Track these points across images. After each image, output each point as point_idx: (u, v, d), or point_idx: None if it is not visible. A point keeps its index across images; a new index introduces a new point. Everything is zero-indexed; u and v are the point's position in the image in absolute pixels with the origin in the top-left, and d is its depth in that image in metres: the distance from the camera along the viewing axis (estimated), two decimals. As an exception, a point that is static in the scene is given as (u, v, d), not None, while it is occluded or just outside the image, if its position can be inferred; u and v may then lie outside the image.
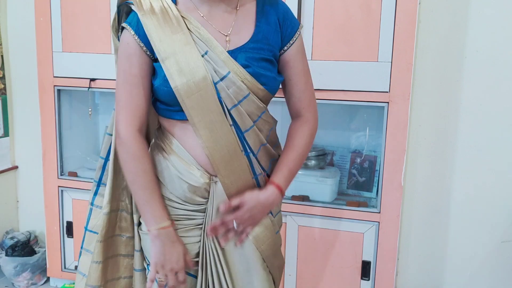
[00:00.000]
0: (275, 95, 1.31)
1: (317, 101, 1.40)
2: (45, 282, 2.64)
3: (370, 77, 1.96)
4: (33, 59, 2.43)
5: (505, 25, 2.04)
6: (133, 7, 1.21)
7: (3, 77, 2.67)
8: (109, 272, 1.39)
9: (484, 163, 2.14)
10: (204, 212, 1.27)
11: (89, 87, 2.29)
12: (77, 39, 2.29)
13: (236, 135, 1.21)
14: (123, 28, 1.23)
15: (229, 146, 1.20)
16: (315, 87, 1.39)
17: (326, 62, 2.00)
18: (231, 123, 1.20)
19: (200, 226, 1.27)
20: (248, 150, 1.24)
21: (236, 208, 1.23)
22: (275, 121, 1.36)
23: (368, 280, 2.11)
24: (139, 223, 1.35)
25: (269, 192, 1.25)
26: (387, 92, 1.96)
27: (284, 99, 1.39)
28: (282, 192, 1.27)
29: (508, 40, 2.05)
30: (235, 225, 1.24)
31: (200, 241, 1.28)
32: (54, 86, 2.36)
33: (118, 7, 1.28)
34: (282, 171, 1.28)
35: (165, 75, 1.18)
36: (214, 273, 1.27)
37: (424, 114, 2.18)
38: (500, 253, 2.18)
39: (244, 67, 1.20)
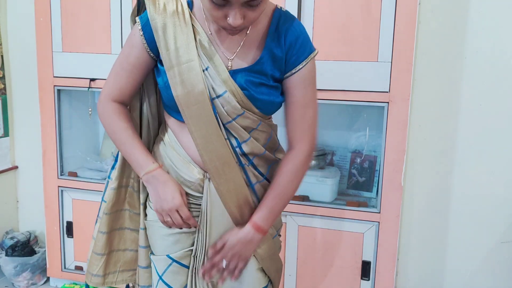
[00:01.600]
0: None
1: (317, 101, 1.39)
2: (45, 282, 2.64)
3: (370, 77, 1.96)
4: (33, 59, 2.43)
5: (505, 25, 2.04)
6: (147, 6, 1.22)
7: (3, 77, 2.67)
8: (115, 243, 1.44)
9: (484, 163, 2.14)
10: (200, 205, 1.30)
11: (89, 87, 2.29)
12: (77, 39, 2.29)
13: (230, 148, 1.25)
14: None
15: (223, 157, 1.24)
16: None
17: (326, 62, 2.00)
18: (226, 136, 1.24)
19: (196, 219, 1.30)
20: (244, 162, 1.27)
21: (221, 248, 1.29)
22: (275, 127, 1.37)
23: (368, 280, 2.11)
24: (145, 206, 1.38)
25: (246, 230, 1.28)
26: (387, 92, 1.96)
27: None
28: (261, 229, 1.28)
29: (508, 40, 2.05)
30: (224, 264, 1.29)
31: (195, 232, 1.31)
32: (54, 86, 2.36)
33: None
34: (262, 210, 1.29)
35: (167, 81, 1.22)
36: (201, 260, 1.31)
37: (424, 114, 2.18)
38: (500, 253, 2.18)
39: (241, 89, 1.21)
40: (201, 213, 1.29)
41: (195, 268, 1.32)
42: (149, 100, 1.37)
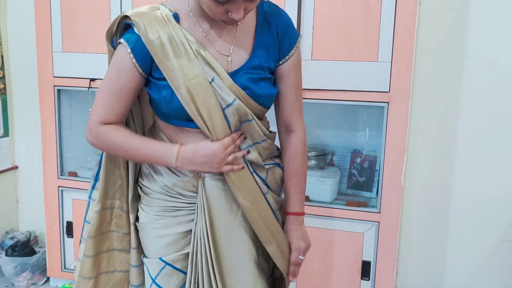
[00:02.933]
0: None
1: (317, 101, 1.41)
2: (45, 282, 2.64)
3: (370, 77, 1.96)
4: (33, 59, 2.43)
5: (505, 25, 2.04)
6: (136, 30, 1.19)
7: (3, 77, 2.67)
8: (103, 265, 1.40)
9: (484, 163, 2.14)
10: (194, 204, 1.28)
11: (89, 87, 2.29)
12: (77, 39, 2.29)
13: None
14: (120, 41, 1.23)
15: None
16: (315, 87, 1.40)
17: (326, 62, 2.00)
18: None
19: (192, 221, 1.28)
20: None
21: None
22: (274, 137, 1.39)
23: (368, 280, 2.11)
24: (136, 226, 1.37)
25: (294, 223, 1.37)
26: (387, 92, 1.96)
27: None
28: (300, 214, 1.38)
29: (508, 40, 2.05)
30: (301, 258, 1.38)
31: (190, 236, 1.29)
32: (54, 86, 2.36)
33: (118, 21, 1.26)
34: (293, 199, 1.37)
35: (167, 95, 1.20)
36: (204, 269, 1.27)
37: (424, 114, 2.18)
38: (500, 253, 2.18)
39: (243, 89, 1.22)
40: (196, 214, 1.27)
41: (194, 275, 1.28)
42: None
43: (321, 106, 2.23)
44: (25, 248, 2.61)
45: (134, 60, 1.20)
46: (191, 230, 1.29)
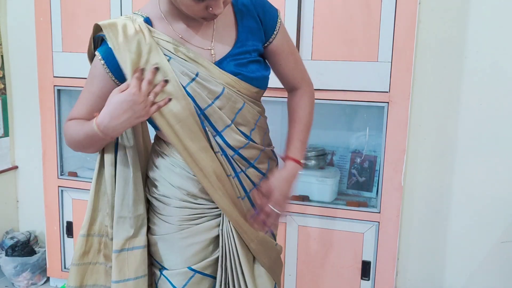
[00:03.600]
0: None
1: (317, 101, 1.40)
2: (45, 282, 2.64)
3: (370, 77, 1.96)
4: (33, 59, 2.43)
5: (505, 25, 2.04)
6: (106, 40, 1.19)
7: (3, 77, 2.67)
8: None
9: (484, 163, 2.14)
10: (218, 209, 1.26)
11: (89, 87, 2.28)
12: (77, 39, 2.29)
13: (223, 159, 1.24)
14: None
15: (216, 172, 1.22)
16: (315, 87, 1.40)
17: (326, 62, 2.00)
18: (217, 150, 1.22)
19: (218, 226, 1.27)
20: (238, 169, 1.26)
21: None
22: (264, 110, 1.37)
23: (368, 280, 2.11)
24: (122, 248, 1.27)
25: (289, 167, 1.30)
26: (387, 92, 1.96)
27: (284, 99, 1.39)
28: (299, 163, 1.32)
29: (508, 40, 2.05)
30: (273, 209, 1.27)
31: (218, 239, 1.28)
32: (54, 86, 2.36)
33: (93, 38, 1.27)
34: (294, 145, 1.33)
35: None
36: (234, 272, 1.28)
37: (424, 114, 2.18)
38: (500, 253, 2.18)
39: (234, 75, 1.20)
40: (222, 216, 1.26)
41: (224, 278, 1.28)
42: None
43: (321, 106, 2.22)
44: (25, 248, 2.61)
45: (105, 68, 1.19)
46: (218, 235, 1.28)
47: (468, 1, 2.06)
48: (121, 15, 2.19)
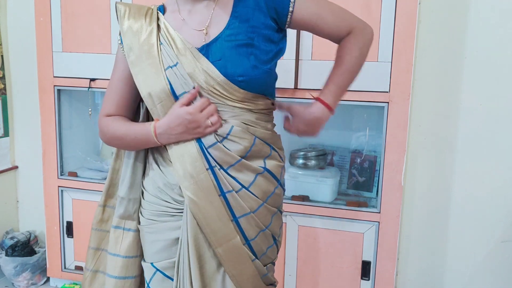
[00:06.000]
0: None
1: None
2: (45, 282, 2.64)
3: (370, 77, 1.96)
4: (33, 59, 2.43)
5: (505, 25, 2.04)
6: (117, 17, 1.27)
7: (3, 77, 2.67)
8: (102, 265, 1.44)
9: (484, 163, 2.14)
10: (182, 210, 1.23)
11: (89, 87, 2.29)
12: (77, 39, 2.29)
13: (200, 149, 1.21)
14: None
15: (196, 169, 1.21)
16: (315, 87, 1.39)
17: (326, 62, 1.99)
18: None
19: (179, 227, 1.24)
20: (214, 164, 1.20)
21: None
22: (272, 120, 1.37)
23: (368, 280, 2.11)
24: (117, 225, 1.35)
25: (314, 109, 1.26)
26: (387, 92, 1.96)
27: (284, 99, 1.39)
28: (328, 107, 1.26)
29: (508, 40, 2.05)
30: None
31: (178, 239, 1.24)
32: (54, 86, 2.36)
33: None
34: (329, 87, 1.27)
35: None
36: (186, 279, 1.22)
37: (424, 114, 2.18)
38: (500, 253, 2.18)
39: (216, 61, 1.18)
40: (185, 218, 1.21)
41: (179, 282, 1.23)
42: None
43: (321, 106, 2.23)
44: (25, 248, 2.61)
45: (122, 49, 1.25)
46: (175, 238, 1.25)
47: (468, 1, 2.06)
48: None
